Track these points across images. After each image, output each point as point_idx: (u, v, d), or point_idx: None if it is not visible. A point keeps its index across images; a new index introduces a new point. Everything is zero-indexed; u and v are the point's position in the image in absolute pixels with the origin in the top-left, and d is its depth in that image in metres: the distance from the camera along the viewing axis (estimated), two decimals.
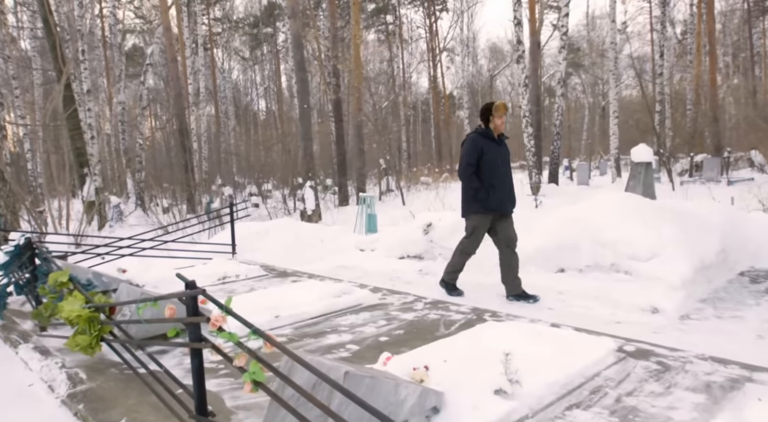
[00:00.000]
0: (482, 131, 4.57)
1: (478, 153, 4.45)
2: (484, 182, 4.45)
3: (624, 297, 4.37)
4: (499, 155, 4.55)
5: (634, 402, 2.43)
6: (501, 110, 4.53)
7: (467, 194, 4.58)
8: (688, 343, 3.36)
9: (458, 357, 2.72)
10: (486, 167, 4.47)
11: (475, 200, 4.50)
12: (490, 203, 4.47)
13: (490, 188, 4.44)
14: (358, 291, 4.54)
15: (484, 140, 4.51)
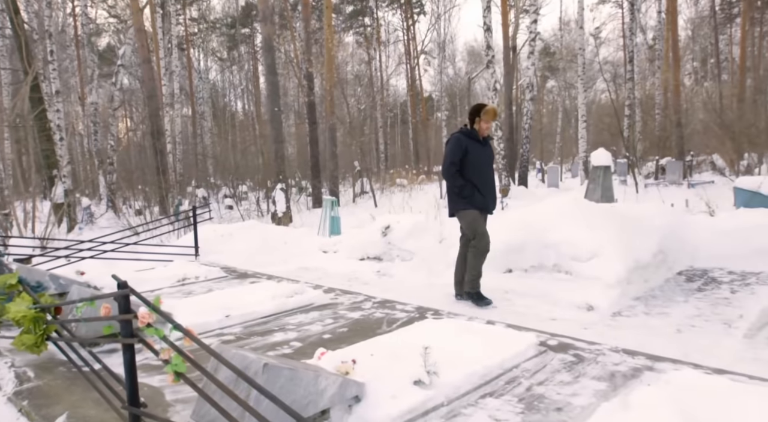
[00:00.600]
0: (467, 131, 4.58)
1: (462, 152, 4.45)
2: (468, 182, 4.48)
3: (563, 296, 4.62)
4: (483, 155, 4.58)
5: (543, 390, 2.66)
6: (490, 115, 4.54)
7: (453, 193, 4.59)
8: (610, 337, 3.61)
9: (387, 351, 2.91)
10: (469, 167, 4.48)
11: (461, 198, 4.51)
12: (475, 202, 4.51)
13: (474, 189, 4.49)
14: (311, 292, 4.71)
15: (468, 140, 4.51)
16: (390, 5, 43.30)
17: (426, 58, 43.20)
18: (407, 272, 5.96)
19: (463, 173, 4.49)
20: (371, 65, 39.19)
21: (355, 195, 19.95)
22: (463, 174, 4.49)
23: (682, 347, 3.46)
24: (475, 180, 4.49)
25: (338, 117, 17.32)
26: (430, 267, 5.97)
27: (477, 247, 4.56)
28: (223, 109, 42.20)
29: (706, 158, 21.16)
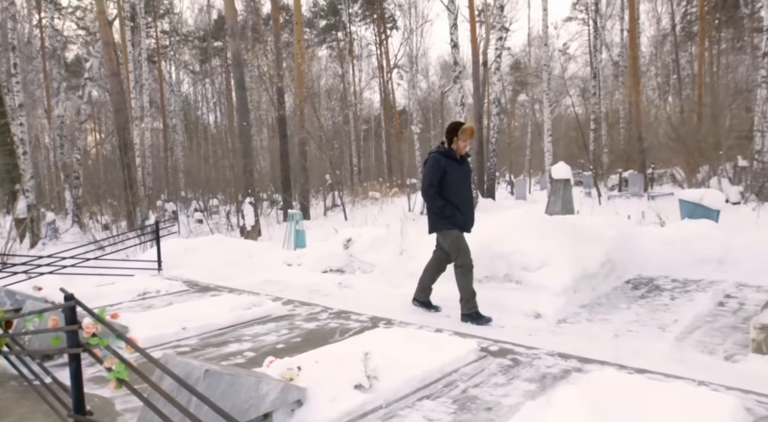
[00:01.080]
0: (444, 151, 4.57)
1: (440, 173, 4.46)
2: (448, 201, 4.49)
3: (513, 304, 4.83)
4: (461, 174, 4.61)
5: (477, 392, 2.83)
6: (467, 134, 4.55)
7: (433, 213, 4.61)
8: (550, 343, 3.81)
9: (334, 359, 3.05)
10: (448, 187, 4.49)
11: (442, 217, 4.52)
12: (456, 221, 4.53)
13: (454, 209, 4.51)
14: (269, 304, 4.81)
15: (446, 159, 4.52)
16: (363, 20, 43.89)
17: (399, 73, 43.79)
18: (367, 284, 6.10)
19: (443, 192, 4.50)
20: (344, 79, 39.53)
21: (326, 208, 20.04)
22: (443, 194, 4.50)
23: (616, 350, 3.69)
24: (454, 199, 4.50)
25: (309, 131, 17.46)
26: (389, 279, 6.13)
27: (463, 266, 4.55)
28: (196, 122, 41.92)
29: (667, 171, 21.98)
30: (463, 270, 4.55)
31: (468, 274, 4.55)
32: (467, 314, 4.53)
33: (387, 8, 42.19)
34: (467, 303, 4.56)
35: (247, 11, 32.21)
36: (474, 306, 4.57)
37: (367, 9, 42.76)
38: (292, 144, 19.21)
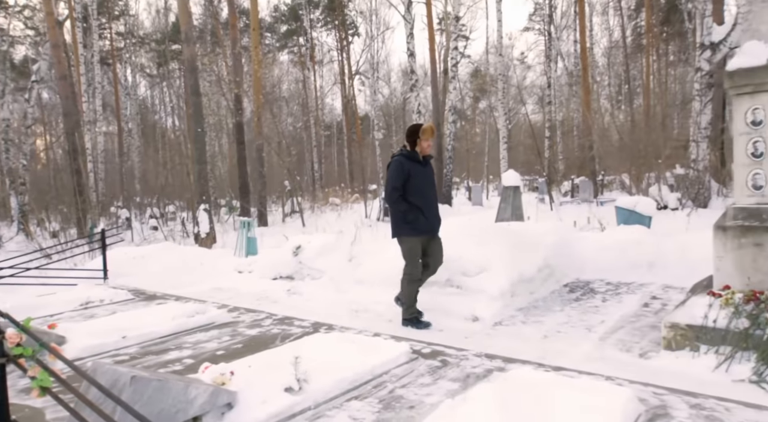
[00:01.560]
0: (408, 153, 4.54)
1: (404, 176, 4.42)
2: (412, 205, 4.45)
3: (453, 308, 5.02)
4: (425, 176, 4.60)
5: (403, 392, 2.99)
6: (428, 133, 4.53)
7: (397, 216, 4.56)
8: (483, 345, 4.01)
9: (268, 363, 3.15)
10: (413, 190, 4.46)
11: (404, 222, 4.48)
12: (420, 226, 4.49)
13: (418, 212, 4.46)
14: (214, 311, 4.86)
15: (410, 162, 4.49)
16: (325, 26, 43.95)
17: (360, 79, 44.02)
18: (316, 290, 6.20)
19: (406, 195, 4.46)
20: (306, 84, 39.44)
21: (284, 215, 19.98)
22: (407, 196, 4.46)
23: (543, 350, 3.92)
24: (418, 202, 4.47)
25: (266, 138, 17.40)
26: (337, 285, 6.25)
27: (410, 274, 4.60)
28: (154, 126, 40.97)
29: (616, 178, 22.91)
30: (409, 278, 4.62)
31: (413, 284, 4.66)
32: (408, 319, 4.66)
33: (348, 15, 42.39)
34: (408, 309, 4.68)
35: (206, 15, 31.85)
36: (414, 312, 4.70)
37: (329, 15, 42.87)
38: (251, 150, 19.10)
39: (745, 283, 3.82)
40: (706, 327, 3.69)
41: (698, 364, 3.57)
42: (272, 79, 32.28)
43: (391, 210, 4.64)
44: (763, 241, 3.75)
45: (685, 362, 3.63)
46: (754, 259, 3.79)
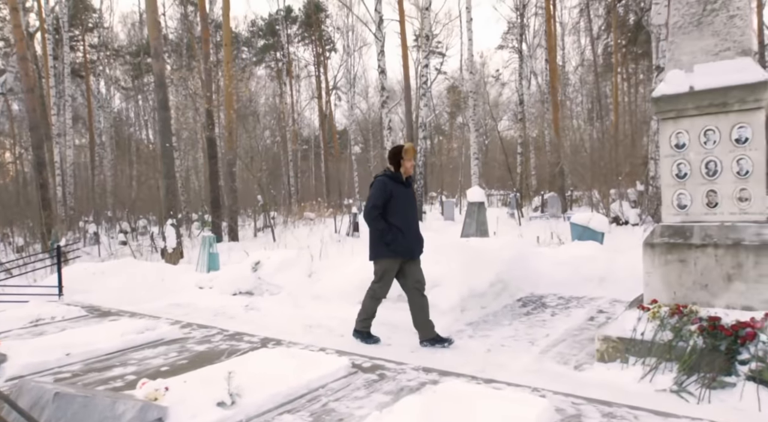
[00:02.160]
0: (391, 175, 4.53)
1: (386, 196, 4.42)
2: (392, 226, 4.42)
3: (403, 323, 5.12)
4: (407, 198, 4.59)
5: (336, 405, 3.08)
6: (410, 153, 4.54)
7: (375, 236, 4.50)
8: (426, 359, 4.12)
9: (205, 378, 3.21)
10: (394, 211, 4.44)
11: (383, 243, 4.44)
12: (398, 248, 4.45)
13: (398, 233, 4.41)
14: (165, 327, 4.88)
15: (393, 183, 4.49)
16: (302, 41, 44.27)
17: (336, 94, 44.33)
18: (273, 306, 6.25)
19: (387, 215, 4.44)
20: (282, 99, 39.55)
21: (256, 230, 19.91)
22: (387, 217, 4.43)
23: (483, 363, 4.05)
24: (398, 223, 4.44)
25: (237, 152, 17.42)
26: (295, 300, 6.32)
27: (375, 291, 4.61)
28: (128, 139, 40.51)
29: (584, 194, 23.45)
30: (374, 294, 4.65)
31: (376, 301, 4.68)
32: (359, 331, 4.71)
33: (325, 30, 42.78)
34: (362, 321, 4.72)
35: (182, 29, 31.84)
36: (367, 326, 4.73)
37: (306, 30, 43.22)
38: (224, 164, 19.06)
39: (672, 297, 4.03)
40: (634, 339, 3.87)
41: (626, 375, 3.74)
42: (248, 93, 32.31)
43: (370, 231, 4.59)
44: (686, 257, 3.97)
45: (614, 373, 3.79)
46: (679, 274, 4.00)
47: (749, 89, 3.76)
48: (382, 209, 4.45)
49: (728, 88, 3.83)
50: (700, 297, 3.92)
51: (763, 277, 3.70)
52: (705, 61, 4.01)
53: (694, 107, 3.98)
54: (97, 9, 36.33)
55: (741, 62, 3.87)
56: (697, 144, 4.01)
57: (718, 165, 3.94)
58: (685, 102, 4.01)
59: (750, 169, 3.83)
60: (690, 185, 4.06)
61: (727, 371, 3.45)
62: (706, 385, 3.43)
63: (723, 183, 3.93)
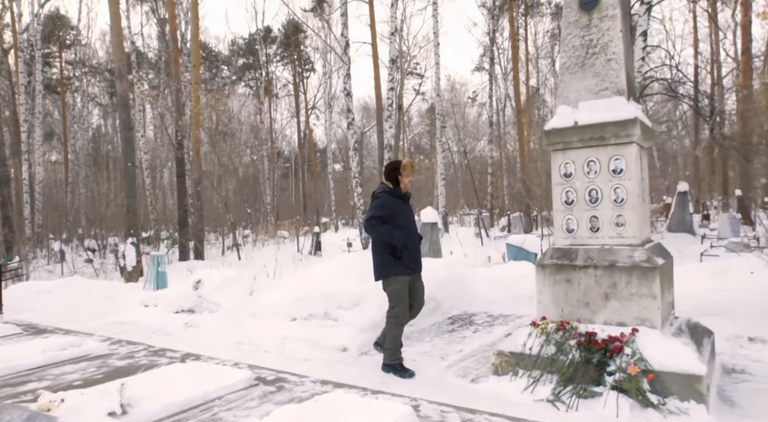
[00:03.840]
0: (390, 190, 4.52)
1: (390, 212, 4.39)
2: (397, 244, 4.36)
3: (326, 340, 5.39)
4: (408, 213, 4.60)
5: (225, 414, 3.32)
6: (408, 169, 4.54)
7: (383, 253, 4.40)
8: (336, 373, 4.38)
9: (103, 390, 3.43)
10: (398, 226, 4.40)
11: (393, 258, 4.36)
12: (408, 262, 4.45)
13: (404, 248, 4.39)
14: (91, 343, 5.07)
15: (394, 199, 4.49)
16: (281, 61, 44.80)
17: (315, 114, 44.79)
18: (212, 324, 6.46)
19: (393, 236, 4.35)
20: (259, 117, 39.85)
21: (225, 248, 20.02)
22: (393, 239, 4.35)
23: (386, 377, 4.32)
24: (405, 239, 4.40)
25: (203, 172, 17.62)
26: (233, 318, 6.53)
27: (397, 316, 4.46)
28: (106, 156, 40.33)
29: (547, 214, 24.07)
30: (396, 321, 4.45)
31: (400, 326, 4.49)
32: (390, 365, 4.41)
33: (304, 51, 43.37)
34: (392, 354, 4.43)
35: (160, 47, 32.07)
36: (398, 357, 4.44)
37: (285, 50, 43.79)
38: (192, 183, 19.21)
39: (560, 314, 4.36)
40: (524, 353, 4.19)
41: (513, 387, 4.04)
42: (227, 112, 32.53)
43: (376, 248, 4.45)
44: (572, 277, 4.32)
45: (504, 385, 4.09)
46: (566, 293, 4.35)
47: (621, 126, 4.17)
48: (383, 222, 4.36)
49: (605, 124, 4.24)
50: (583, 314, 4.26)
51: (633, 296, 4.05)
52: (588, 99, 4.42)
53: (579, 140, 4.37)
54: (74, 26, 36.44)
55: (616, 101, 4.28)
56: (582, 174, 4.39)
57: (599, 193, 4.32)
58: (571, 135, 4.39)
59: (625, 197, 4.21)
60: (576, 211, 4.43)
61: (596, 381, 3.77)
62: (578, 395, 3.75)
63: (603, 209, 4.31)
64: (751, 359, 4.63)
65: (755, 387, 3.97)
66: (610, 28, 4.37)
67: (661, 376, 3.62)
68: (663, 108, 32.01)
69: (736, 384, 4.05)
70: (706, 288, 6.59)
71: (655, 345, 3.81)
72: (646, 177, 4.63)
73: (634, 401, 3.59)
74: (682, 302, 6.17)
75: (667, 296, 4.31)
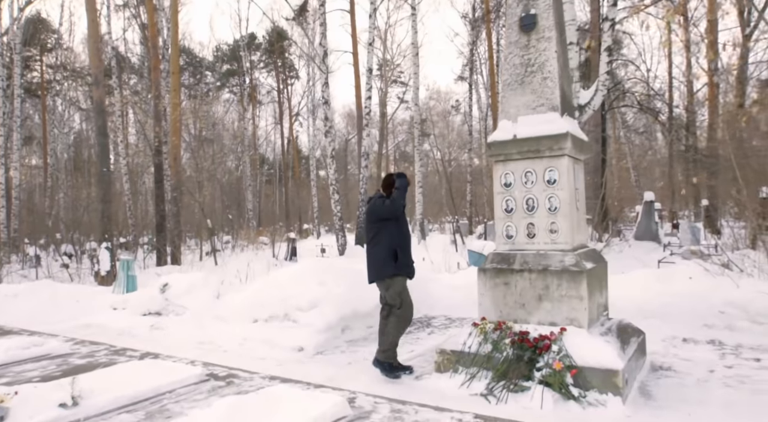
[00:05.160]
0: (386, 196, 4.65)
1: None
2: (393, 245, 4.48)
3: (284, 340, 5.62)
4: (405, 222, 4.75)
5: (172, 406, 3.54)
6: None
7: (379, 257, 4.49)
8: (288, 370, 4.61)
9: (58, 384, 3.62)
10: (397, 233, 4.56)
11: (394, 261, 4.46)
12: (407, 268, 4.61)
13: (402, 254, 4.52)
14: (53, 343, 5.25)
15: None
16: (265, 67, 44.98)
17: (298, 121, 45.00)
18: (177, 326, 6.64)
19: (392, 239, 4.50)
20: (243, 123, 39.92)
21: (203, 254, 20.08)
22: (391, 240, 4.49)
23: (332, 373, 4.56)
24: (403, 245, 4.56)
25: (181, 178, 17.74)
26: (198, 320, 6.72)
27: (402, 316, 4.52)
28: (87, 160, 40.06)
29: None
30: (401, 320, 4.51)
31: (405, 324, 4.56)
32: (384, 363, 4.47)
33: (288, 58, 43.61)
34: (387, 352, 4.48)
35: (143, 52, 32.08)
36: (394, 356, 4.52)
37: (269, 57, 43.99)
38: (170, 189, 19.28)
39: (499, 315, 4.65)
40: (464, 352, 4.46)
41: (452, 382, 4.31)
42: (209, 118, 32.59)
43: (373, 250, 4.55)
44: (510, 280, 4.62)
45: (444, 381, 4.36)
46: (504, 295, 4.64)
47: (554, 139, 4.49)
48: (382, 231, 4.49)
49: (540, 138, 4.56)
50: (519, 315, 4.55)
51: (563, 297, 4.36)
52: (526, 114, 4.75)
53: (517, 152, 4.69)
54: (56, 29, 36.30)
55: (550, 116, 4.61)
56: (521, 184, 4.71)
57: (535, 202, 4.64)
58: (511, 148, 4.71)
59: (558, 206, 4.53)
60: (515, 218, 4.74)
61: (527, 377, 4.06)
62: (508, 389, 4.03)
63: (539, 217, 4.62)
64: (680, 357, 4.95)
65: (676, 382, 4.29)
66: (546, 48, 4.71)
67: (584, 371, 3.92)
68: (640, 121, 32.86)
69: (658, 379, 4.36)
70: (652, 293, 6.94)
71: (581, 343, 4.11)
72: (580, 187, 4.96)
73: (558, 394, 3.87)
74: (628, 305, 6.54)
75: (597, 299, 4.62)
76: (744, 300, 5.74)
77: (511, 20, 4.93)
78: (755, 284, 5.98)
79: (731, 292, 5.96)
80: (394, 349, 4.53)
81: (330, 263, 7.07)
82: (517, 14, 4.87)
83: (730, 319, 5.82)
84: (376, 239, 4.56)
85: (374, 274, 4.58)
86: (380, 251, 4.50)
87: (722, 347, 5.24)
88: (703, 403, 3.75)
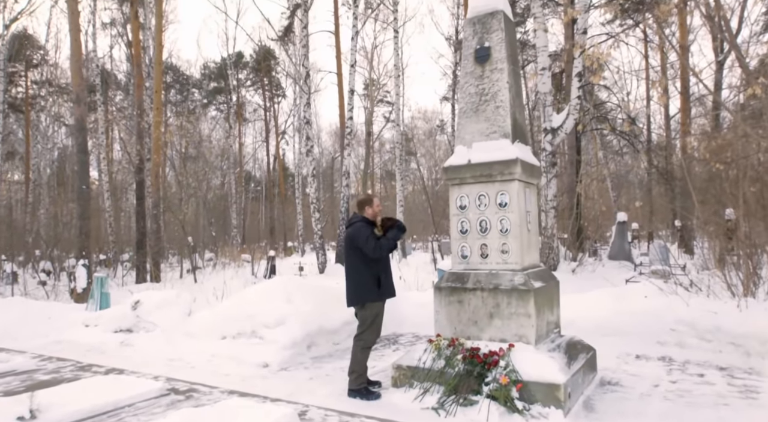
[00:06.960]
0: (367, 221, 4.72)
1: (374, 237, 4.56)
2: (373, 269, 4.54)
3: (250, 356, 5.76)
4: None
5: (131, 419, 3.67)
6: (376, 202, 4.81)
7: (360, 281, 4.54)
8: (251, 386, 4.73)
9: (18, 399, 3.74)
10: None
11: (376, 286, 4.52)
12: (388, 291, 4.67)
13: (383, 275, 4.60)
14: (18, 359, 5.34)
15: (371, 227, 4.69)
16: (252, 85, 45.33)
17: (284, 139, 45.24)
18: (147, 342, 6.74)
19: (370, 261, 4.53)
20: (229, 141, 40.05)
21: (184, 271, 20.05)
22: (370, 261, 4.52)
23: (295, 389, 4.71)
24: (382, 267, 4.63)
25: (161, 195, 17.82)
26: (168, 337, 6.82)
27: (366, 340, 4.58)
28: (71, 176, 39.80)
29: None
30: (364, 345, 4.58)
31: (367, 351, 4.61)
32: (356, 390, 4.48)
33: (275, 76, 44.01)
34: (357, 378, 4.52)
35: (129, 72, 32.25)
36: (363, 382, 4.56)
37: (256, 75, 44.36)
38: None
39: (453, 332, 4.85)
40: (419, 367, 4.65)
41: (406, 396, 4.48)
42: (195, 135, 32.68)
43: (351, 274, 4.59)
44: (463, 299, 4.83)
45: (399, 396, 4.53)
46: (458, 313, 4.85)
47: (506, 164, 4.76)
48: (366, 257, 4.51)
49: (492, 163, 4.82)
50: (472, 332, 4.76)
51: (513, 315, 4.58)
52: (480, 140, 5.02)
53: (471, 176, 4.94)
54: (42, 46, 36.39)
55: (502, 143, 4.89)
56: (474, 206, 4.95)
57: (488, 223, 4.88)
58: (465, 172, 4.97)
59: (509, 227, 4.78)
60: (470, 239, 4.97)
61: (476, 391, 4.25)
62: (458, 403, 4.22)
63: (492, 238, 4.86)
64: (629, 373, 5.17)
65: (619, 396, 4.50)
66: (499, 79, 5.00)
67: (529, 385, 4.12)
68: (620, 141, 33.59)
69: (604, 393, 4.57)
70: (611, 311, 7.18)
71: (527, 358, 4.32)
72: (533, 210, 5.22)
73: (504, 408, 4.07)
74: (587, 324, 6.78)
75: (547, 316, 4.85)
76: (692, 318, 5.99)
77: (467, 52, 5.23)
78: (703, 304, 6.24)
79: (682, 310, 6.22)
80: (364, 375, 4.59)
81: (300, 281, 7.22)
82: (473, 46, 5.17)
83: (680, 336, 6.07)
84: (356, 265, 4.57)
85: (355, 299, 4.61)
86: (361, 277, 4.54)
87: (671, 363, 5.48)
88: (640, 415, 3.97)
